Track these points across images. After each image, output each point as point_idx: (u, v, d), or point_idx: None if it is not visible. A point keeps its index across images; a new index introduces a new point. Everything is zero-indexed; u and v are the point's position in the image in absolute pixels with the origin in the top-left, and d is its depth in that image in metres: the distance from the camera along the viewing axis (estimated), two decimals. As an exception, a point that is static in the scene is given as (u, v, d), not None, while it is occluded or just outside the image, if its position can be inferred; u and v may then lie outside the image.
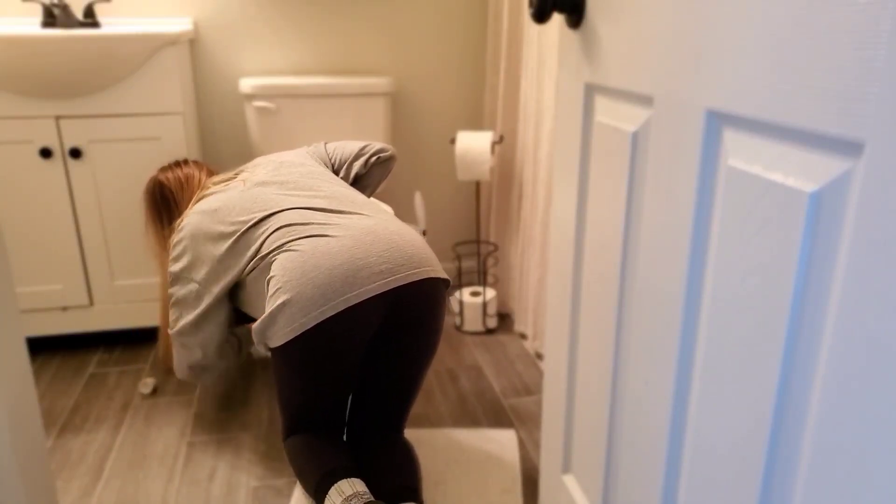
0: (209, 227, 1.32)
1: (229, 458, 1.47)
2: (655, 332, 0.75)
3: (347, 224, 1.23)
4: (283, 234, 1.22)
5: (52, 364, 1.87)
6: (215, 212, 1.33)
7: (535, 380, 1.79)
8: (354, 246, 1.18)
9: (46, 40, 1.58)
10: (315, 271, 1.14)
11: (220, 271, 1.30)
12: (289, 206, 1.28)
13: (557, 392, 1.08)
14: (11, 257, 1.77)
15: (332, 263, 1.15)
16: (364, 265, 1.16)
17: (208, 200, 1.38)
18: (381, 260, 1.18)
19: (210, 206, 1.35)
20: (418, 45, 2.15)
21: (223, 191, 1.39)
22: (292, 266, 1.16)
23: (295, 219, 1.25)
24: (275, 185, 1.36)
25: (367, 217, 1.27)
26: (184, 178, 1.55)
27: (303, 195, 1.32)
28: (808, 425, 0.52)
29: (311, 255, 1.16)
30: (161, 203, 1.55)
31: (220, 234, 1.30)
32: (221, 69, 2.05)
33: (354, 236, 1.20)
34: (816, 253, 0.50)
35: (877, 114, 0.43)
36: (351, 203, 1.31)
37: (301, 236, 1.21)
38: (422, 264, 1.21)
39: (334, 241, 1.19)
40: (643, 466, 0.81)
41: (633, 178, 0.79)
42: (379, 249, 1.19)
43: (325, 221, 1.24)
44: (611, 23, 0.79)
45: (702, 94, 0.62)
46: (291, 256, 1.18)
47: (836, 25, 0.46)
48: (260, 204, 1.30)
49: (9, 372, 0.92)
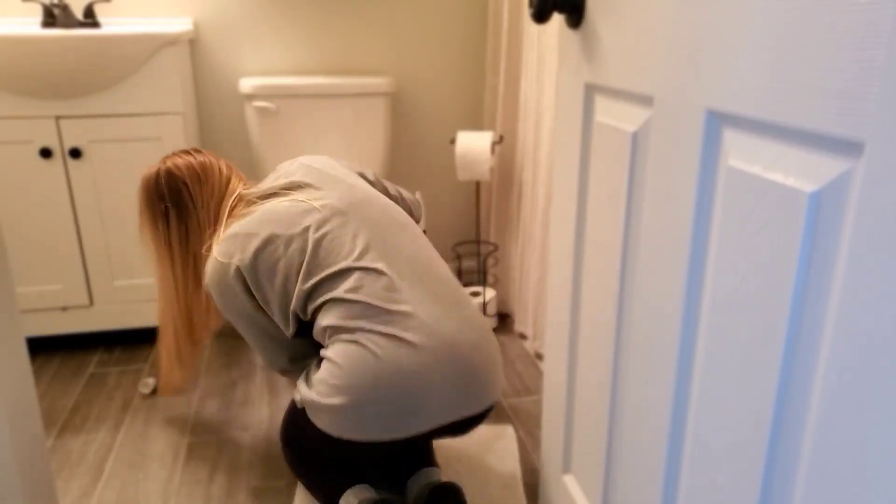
0: (270, 263, 1.17)
1: (229, 458, 1.47)
2: (655, 332, 0.75)
3: (431, 325, 1.11)
4: (362, 311, 1.10)
5: (52, 364, 1.87)
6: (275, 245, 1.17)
7: (535, 380, 1.79)
8: (432, 368, 1.08)
9: (46, 40, 1.58)
10: (384, 390, 1.06)
11: (287, 315, 1.19)
12: (371, 264, 1.14)
13: (557, 392, 1.08)
14: (11, 257, 1.77)
15: (403, 388, 1.07)
16: (436, 396, 1.09)
17: (262, 227, 1.19)
18: (455, 389, 1.11)
19: (265, 234, 1.18)
20: (418, 45, 2.14)
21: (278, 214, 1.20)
22: (362, 369, 1.07)
23: (377, 293, 1.11)
24: (354, 221, 1.19)
25: (451, 310, 1.15)
26: (199, 167, 1.32)
27: (385, 249, 1.17)
28: (808, 425, 0.52)
29: (385, 368, 1.07)
30: (171, 198, 1.30)
31: (287, 278, 1.17)
32: (221, 69, 2.05)
33: (435, 351, 1.09)
34: (816, 253, 0.50)
35: (877, 114, 0.43)
36: (435, 278, 1.18)
37: (379, 330, 1.09)
38: (491, 389, 1.16)
39: (413, 355, 1.08)
40: (643, 467, 0.81)
41: (633, 178, 0.79)
42: (456, 374, 1.10)
43: (406, 310, 1.11)
44: (611, 23, 0.79)
45: (702, 94, 0.62)
46: (364, 356, 1.07)
47: (836, 25, 0.46)
48: (337, 253, 1.15)
49: (9, 372, 0.92)
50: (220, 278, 1.20)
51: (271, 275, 1.16)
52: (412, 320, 1.10)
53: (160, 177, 1.31)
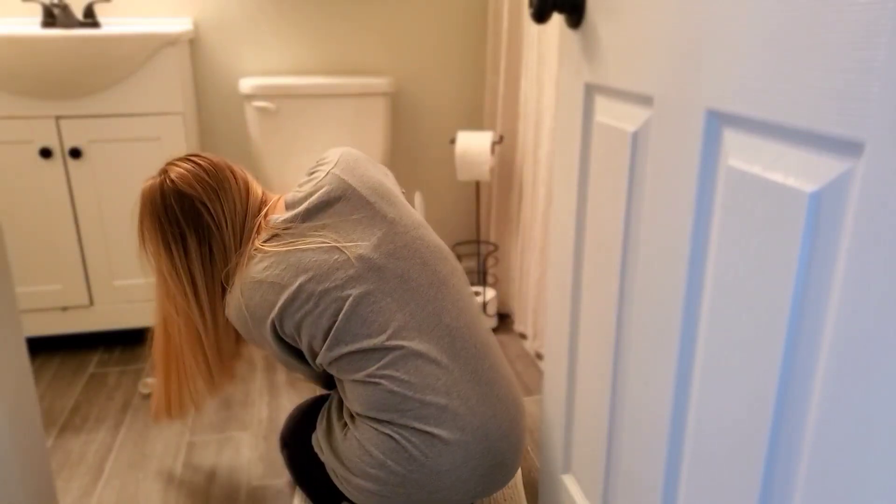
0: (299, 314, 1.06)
1: (229, 458, 1.47)
2: (655, 332, 0.75)
3: (464, 417, 1.05)
4: (394, 403, 1.04)
5: (52, 364, 1.87)
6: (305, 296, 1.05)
7: (535, 380, 1.79)
8: (463, 464, 1.06)
9: (46, 40, 1.58)
10: (413, 487, 1.05)
11: (314, 363, 1.12)
12: (407, 343, 1.05)
13: (557, 392, 1.08)
14: (11, 257, 1.77)
15: (434, 486, 1.05)
16: (462, 486, 1.07)
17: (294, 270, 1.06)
18: (482, 479, 1.09)
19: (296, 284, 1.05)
20: (418, 45, 2.14)
21: (309, 258, 1.06)
22: (393, 465, 1.04)
23: (410, 380, 1.04)
24: (392, 280, 1.06)
25: (488, 391, 1.09)
26: (213, 180, 1.13)
27: (424, 320, 1.07)
28: (808, 426, 0.52)
29: (416, 467, 1.04)
30: (188, 222, 1.11)
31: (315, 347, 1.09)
32: (221, 69, 2.05)
33: (468, 445, 1.05)
34: (816, 253, 0.50)
35: (877, 114, 0.43)
36: (473, 351, 1.10)
37: (412, 426, 1.04)
38: (515, 470, 1.14)
39: (446, 453, 1.04)
40: (643, 467, 0.81)
41: (633, 178, 0.79)
42: (485, 465, 1.08)
43: (440, 403, 1.04)
44: (611, 23, 0.79)
45: (702, 94, 0.62)
46: (397, 452, 1.04)
47: (836, 25, 0.46)
48: (371, 323, 1.05)
49: (9, 372, 0.92)
50: (244, 321, 1.11)
51: (297, 330, 1.08)
52: (446, 413, 1.04)
53: (168, 197, 1.09)
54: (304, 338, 1.08)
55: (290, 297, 1.05)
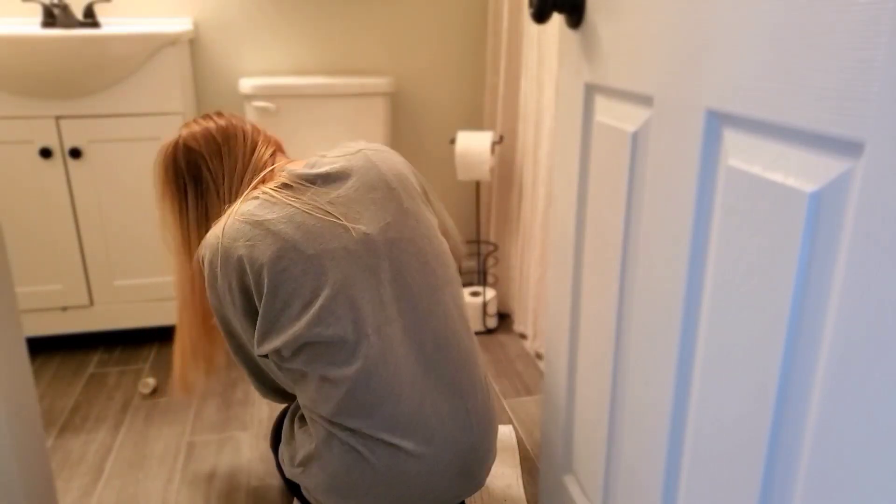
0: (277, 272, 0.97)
1: (229, 458, 1.47)
2: (655, 332, 0.75)
3: (435, 429, 1.02)
4: (362, 411, 0.99)
5: (52, 364, 1.87)
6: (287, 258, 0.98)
7: (535, 380, 1.79)
8: (429, 475, 1.03)
9: (46, 40, 1.58)
10: (382, 498, 1.02)
11: (264, 341, 1.03)
12: (387, 344, 1.00)
13: (557, 392, 1.08)
14: (11, 257, 1.77)
15: (401, 496, 1.03)
16: (432, 495, 1.05)
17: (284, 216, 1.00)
18: (451, 485, 1.06)
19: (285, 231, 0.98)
20: (418, 45, 2.15)
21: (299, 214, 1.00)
22: (357, 479, 1.00)
23: (383, 388, 0.99)
24: (386, 272, 1.01)
25: (462, 403, 1.05)
26: (219, 135, 1.13)
27: (411, 320, 1.03)
28: (808, 426, 0.52)
29: (382, 480, 1.00)
30: (189, 173, 1.12)
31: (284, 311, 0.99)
32: (221, 69, 2.05)
33: (435, 457, 1.02)
34: (816, 253, 0.50)
35: (877, 114, 0.43)
36: (454, 362, 1.05)
37: (380, 438, 0.99)
38: (484, 477, 1.11)
39: (412, 469, 1.01)
40: (643, 466, 0.81)
41: (633, 178, 0.79)
42: (455, 474, 1.05)
43: (410, 414, 1.00)
44: (611, 23, 0.79)
45: (702, 94, 0.62)
46: (363, 468, 1.00)
47: (836, 25, 0.46)
48: (355, 314, 0.98)
49: (9, 372, 0.92)
50: (216, 259, 1.02)
51: (272, 293, 0.98)
52: (415, 423, 1.01)
53: (178, 149, 1.12)
54: (276, 305, 0.98)
55: (278, 252, 0.97)
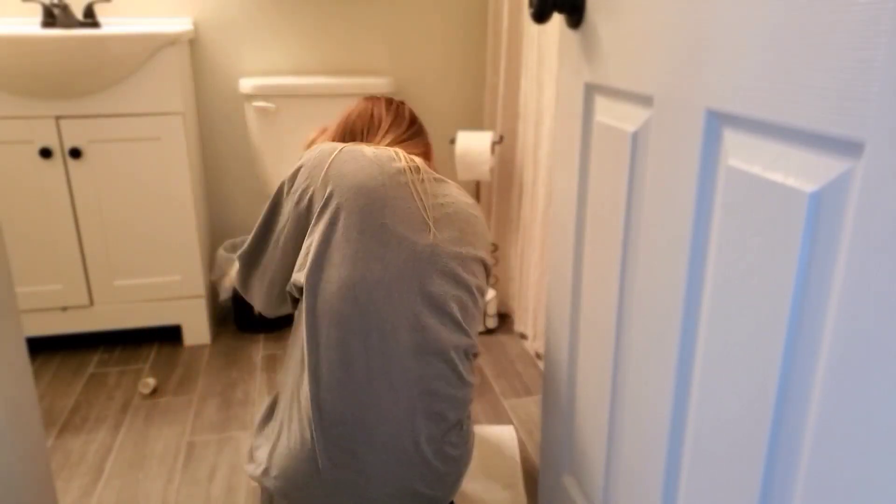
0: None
1: (229, 458, 1.47)
2: (655, 332, 0.75)
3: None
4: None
5: (52, 364, 1.87)
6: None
7: (535, 380, 1.79)
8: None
9: (46, 40, 1.58)
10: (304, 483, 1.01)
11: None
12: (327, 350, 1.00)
13: (557, 392, 1.08)
14: (11, 257, 1.77)
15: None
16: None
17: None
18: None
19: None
20: (418, 46, 2.14)
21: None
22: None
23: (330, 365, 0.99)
24: (430, 272, 1.07)
25: (400, 430, 1.01)
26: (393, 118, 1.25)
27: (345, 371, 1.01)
28: (808, 426, 0.52)
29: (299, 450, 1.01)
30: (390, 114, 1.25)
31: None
32: (221, 69, 2.05)
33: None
34: (816, 253, 0.50)
35: (877, 114, 0.43)
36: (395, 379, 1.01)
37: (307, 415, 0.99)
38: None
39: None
40: (643, 467, 0.81)
41: (633, 178, 0.79)
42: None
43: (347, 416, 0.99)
44: (611, 23, 0.79)
45: (702, 94, 0.62)
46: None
47: (836, 25, 0.46)
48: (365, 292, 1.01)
49: (9, 372, 0.92)
50: (314, 160, 1.09)
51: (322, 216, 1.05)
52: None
53: (396, 103, 1.27)
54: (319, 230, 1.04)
55: (369, 200, 1.03)
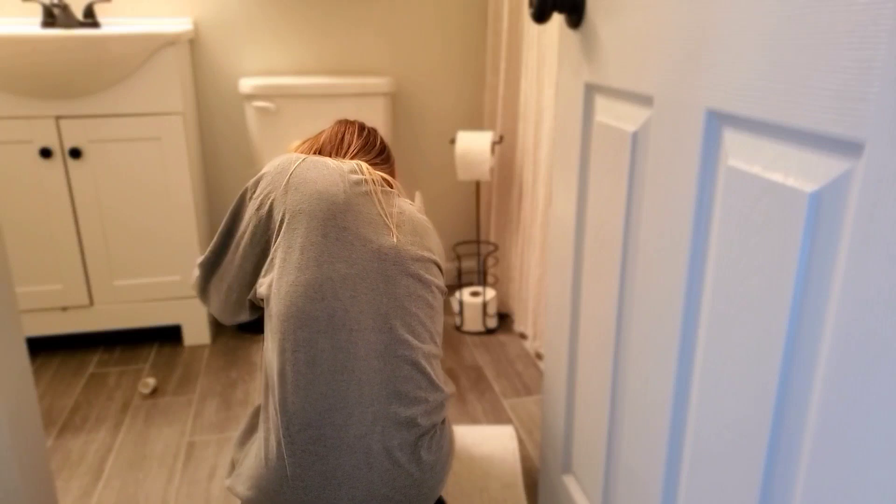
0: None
1: (229, 459, 1.47)
2: (655, 332, 0.75)
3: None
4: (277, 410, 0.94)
5: (52, 364, 1.87)
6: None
7: (535, 380, 1.79)
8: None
9: (46, 40, 1.58)
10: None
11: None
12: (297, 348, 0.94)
13: (557, 392, 1.08)
14: (11, 257, 1.77)
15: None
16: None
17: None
18: None
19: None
20: (418, 45, 2.14)
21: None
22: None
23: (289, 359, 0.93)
24: (394, 276, 0.97)
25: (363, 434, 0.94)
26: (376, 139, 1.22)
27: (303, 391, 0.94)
28: (808, 426, 0.52)
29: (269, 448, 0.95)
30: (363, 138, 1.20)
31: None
32: (221, 69, 2.05)
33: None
34: (816, 253, 0.50)
35: (877, 114, 0.43)
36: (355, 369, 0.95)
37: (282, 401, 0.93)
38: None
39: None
40: (643, 466, 0.81)
41: (633, 178, 0.79)
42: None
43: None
44: (611, 23, 0.79)
45: (702, 94, 0.62)
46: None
47: (836, 25, 0.46)
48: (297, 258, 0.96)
49: (9, 372, 0.92)
50: (278, 167, 1.04)
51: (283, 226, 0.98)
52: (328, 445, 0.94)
53: (369, 132, 1.22)
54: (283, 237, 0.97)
55: (322, 209, 0.97)
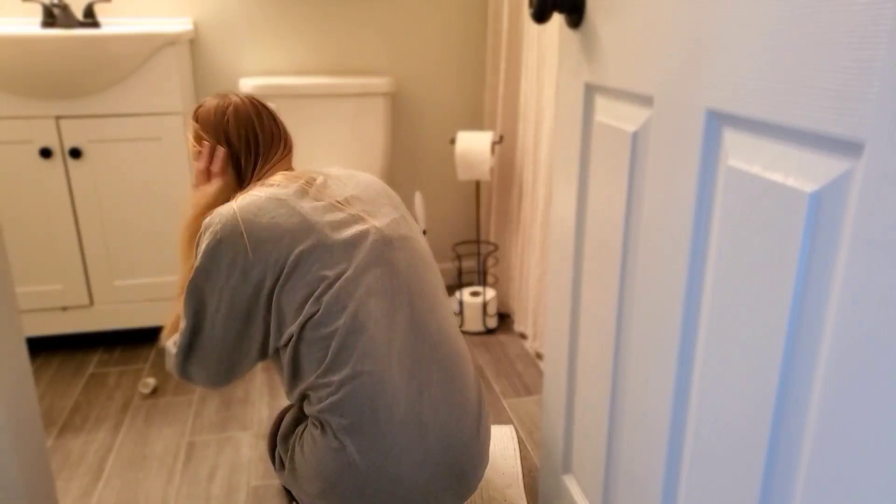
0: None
1: (229, 458, 1.47)
2: (655, 332, 0.75)
3: (431, 424, 1.02)
4: (357, 423, 0.99)
5: (52, 364, 1.87)
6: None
7: (535, 380, 1.79)
8: (419, 479, 1.02)
9: (46, 40, 1.58)
10: (372, 497, 1.02)
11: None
12: (392, 339, 1.00)
13: (557, 392, 1.08)
14: (11, 257, 1.77)
15: (392, 492, 1.02)
16: (421, 491, 1.03)
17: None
18: (440, 495, 1.05)
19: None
20: (418, 45, 2.14)
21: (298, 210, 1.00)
22: (347, 482, 1.01)
23: (379, 374, 0.99)
24: (402, 268, 1.04)
25: (456, 398, 1.05)
26: (260, 114, 1.14)
27: (415, 322, 1.04)
28: (808, 426, 0.52)
29: (370, 483, 1.00)
30: (241, 136, 1.12)
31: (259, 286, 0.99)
32: (221, 69, 2.05)
33: (427, 455, 1.02)
34: (816, 253, 0.50)
35: (877, 114, 0.43)
36: (450, 357, 1.06)
37: (367, 431, 0.99)
38: (474, 484, 1.10)
39: (404, 467, 1.01)
40: (643, 466, 0.81)
41: (633, 178, 0.79)
42: (441, 477, 1.04)
43: (410, 403, 1.00)
44: (611, 23, 0.79)
45: (702, 94, 0.62)
46: (349, 467, 1.00)
47: (836, 25, 0.46)
48: (367, 298, 1.00)
49: (9, 372, 0.92)
50: (227, 229, 0.98)
51: (289, 273, 0.98)
52: (411, 417, 1.01)
53: (239, 109, 1.12)
54: (300, 284, 0.97)
55: (303, 229, 0.98)
